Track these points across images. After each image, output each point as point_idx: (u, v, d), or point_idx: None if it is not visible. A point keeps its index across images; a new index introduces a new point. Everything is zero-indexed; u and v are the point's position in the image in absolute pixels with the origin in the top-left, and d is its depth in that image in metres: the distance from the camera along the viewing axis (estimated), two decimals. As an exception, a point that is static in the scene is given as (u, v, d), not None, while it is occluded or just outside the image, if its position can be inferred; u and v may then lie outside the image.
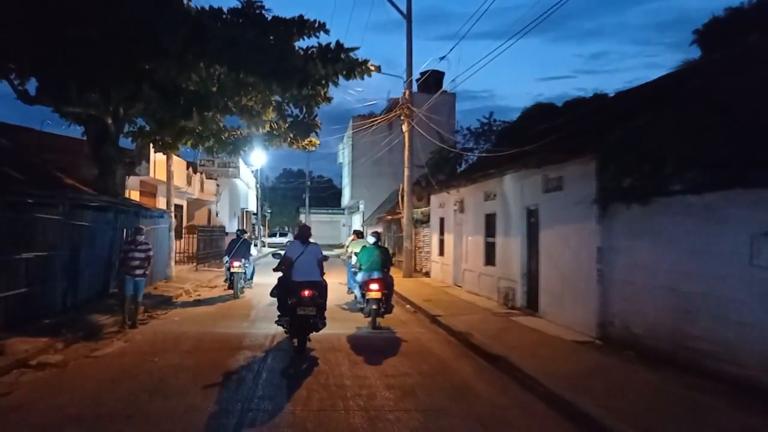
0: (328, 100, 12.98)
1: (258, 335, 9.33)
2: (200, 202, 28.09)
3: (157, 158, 17.76)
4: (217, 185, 30.59)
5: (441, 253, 18.16)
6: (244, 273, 14.77)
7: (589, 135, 9.00)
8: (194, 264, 21.89)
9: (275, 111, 12.68)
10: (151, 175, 17.58)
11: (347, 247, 16.33)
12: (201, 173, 26.20)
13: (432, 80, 39.06)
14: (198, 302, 13.75)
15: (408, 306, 13.48)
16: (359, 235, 16.05)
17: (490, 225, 13.56)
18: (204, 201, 28.04)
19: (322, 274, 8.42)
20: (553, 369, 6.74)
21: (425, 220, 21.30)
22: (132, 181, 17.75)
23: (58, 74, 10.28)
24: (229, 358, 7.56)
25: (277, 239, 54.35)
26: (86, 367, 7.19)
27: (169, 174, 17.71)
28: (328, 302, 8.61)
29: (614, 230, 7.93)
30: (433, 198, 19.35)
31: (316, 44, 11.23)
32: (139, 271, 10.00)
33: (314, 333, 8.25)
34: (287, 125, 12.63)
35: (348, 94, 42.79)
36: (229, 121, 15.71)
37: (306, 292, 7.84)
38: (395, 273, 11.57)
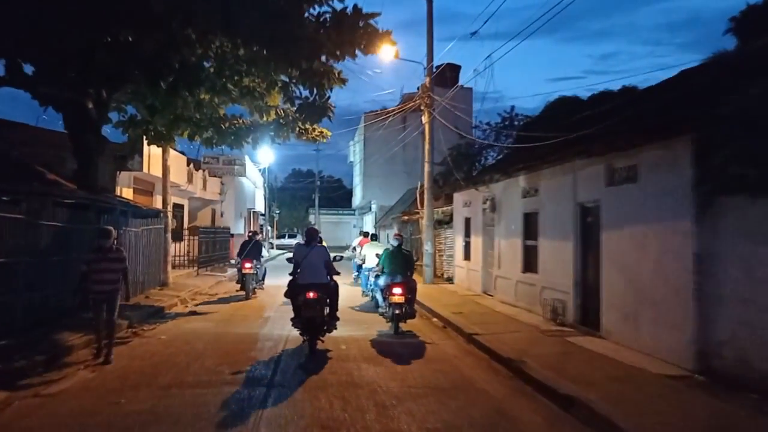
0: (342, 81, 11.14)
1: (258, 360, 7.53)
2: (203, 202, 26.42)
3: (151, 152, 16.07)
4: (222, 184, 28.93)
5: (466, 257, 16.30)
6: (256, 274, 14.75)
7: (675, 111, 7.12)
8: (195, 268, 20.18)
9: (281, 92, 10.89)
10: (145, 170, 15.88)
11: (353, 247, 16.67)
12: (204, 171, 24.50)
13: (448, 74, 37.33)
14: (193, 314, 11.99)
15: (435, 319, 11.63)
16: (373, 237, 15.93)
17: (529, 225, 11.69)
18: (207, 200, 26.36)
19: (331, 274, 8.42)
20: (660, 422, 4.89)
21: (447, 221, 19.45)
22: (124, 177, 16.10)
23: (20, 46, 8.59)
24: (218, 401, 5.74)
25: (286, 240, 52.74)
26: (30, 412, 5.42)
27: (165, 169, 15.99)
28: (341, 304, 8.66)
29: (723, 232, 6.05)
30: (456, 196, 17.49)
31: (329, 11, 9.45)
32: (108, 287, 7.58)
33: (335, 356, 7.84)
34: (295, 108, 10.83)
35: (357, 94, 41.12)
36: (230, 110, 13.99)
37: (311, 294, 7.91)
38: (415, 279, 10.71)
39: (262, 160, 38.42)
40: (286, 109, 13.52)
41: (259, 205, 39.81)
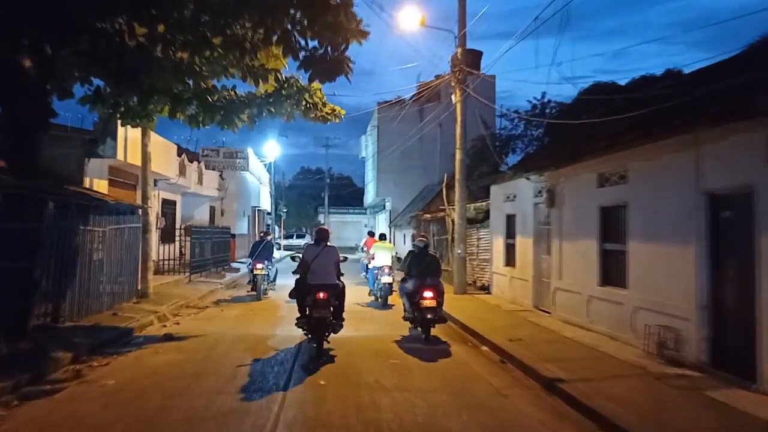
0: (363, 35, 8.24)
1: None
2: (200, 199, 23.69)
3: (129, 136, 13.34)
4: (222, 179, 26.25)
5: (509, 262, 13.43)
6: (267, 275, 14.43)
7: None
8: (187, 274, 17.43)
9: (281, 44, 8.04)
10: (120, 157, 13.12)
11: (361, 247, 16.79)
12: (199, 163, 21.75)
13: (469, 60, 34.49)
14: (168, 338, 9.17)
15: (484, 347, 8.75)
16: (381, 236, 15.43)
17: (611, 223, 8.82)
18: (205, 197, 23.60)
19: (339, 275, 8.44)
20: None
21: (480, 219, 16.59)
22: (97, 167, 13.35)
23: None
24: None
25: (294, 241, 50.20)
26: None
27: (146, 156, 13.24)
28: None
29: None
30: (495, 189, 14.61)
31: None
32: None
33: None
34: (300, 61, 8.01)
35: (368, 93, 38.18)
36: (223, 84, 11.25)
37: (321, 294, 7.84)
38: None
39: (267, 155, 35.79)
40: (290, 78, 10.78)
41: (265, 203, 37.09)
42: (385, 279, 12.97)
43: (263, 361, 7.53)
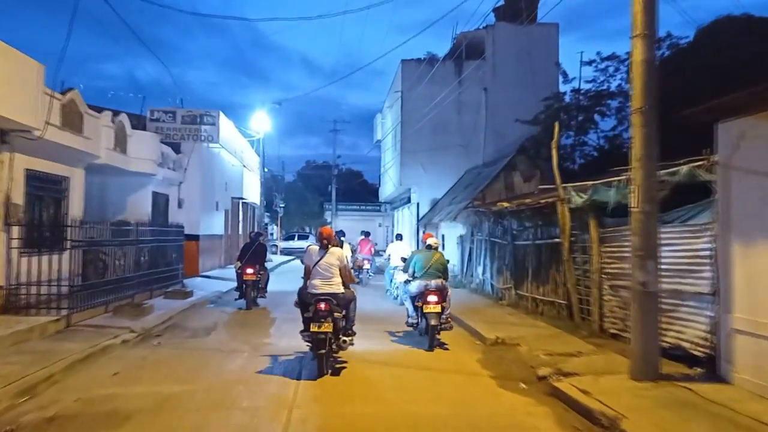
0: None
1: None
2: (134, 179, 15.14)
3: None
4: (178, 152, 17.85)
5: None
6: (258, 281, 12.67)
7: None
8: (63, 313, 8.95)
9: None
10: None
11: (353, 248, 17.65)
12: (114, 116, 13.05)
13: (523, 4, 26.06)
14: None
15: None
16: (398, 237, 16.20)
17: None
18: (138, 175, 14.92)
19: (347, 283, 7.45)
20: None
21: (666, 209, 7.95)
22: None
23: None
24: None
25: (296, 243, 42.19)
26: None
27: None
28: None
29: None
30: (745, 125, 5.99)
31: None
32: None
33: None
34: None
35: (378, 94, 29.78)
36: None
37: (321, 305, 6.96)
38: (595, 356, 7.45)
39: (256, 129, 27.42)
40: None
41: (253, 195, 28.55)
42: (399, 277, 12.83)
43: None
